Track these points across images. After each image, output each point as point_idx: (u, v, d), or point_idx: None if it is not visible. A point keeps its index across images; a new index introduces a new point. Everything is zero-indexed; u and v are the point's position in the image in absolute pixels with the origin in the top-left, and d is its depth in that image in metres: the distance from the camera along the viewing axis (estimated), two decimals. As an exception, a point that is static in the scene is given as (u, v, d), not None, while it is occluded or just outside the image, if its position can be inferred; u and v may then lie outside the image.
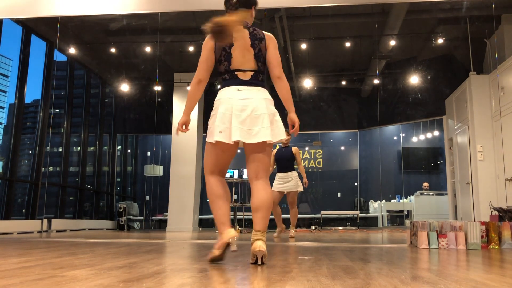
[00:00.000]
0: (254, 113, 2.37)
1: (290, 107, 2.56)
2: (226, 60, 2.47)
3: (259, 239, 2.28)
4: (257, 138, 2.36)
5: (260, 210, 2.35)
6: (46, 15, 5.93)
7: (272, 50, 2.53)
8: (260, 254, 2.25)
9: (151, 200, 10.81)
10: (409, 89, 9.34)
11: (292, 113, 2.57)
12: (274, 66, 2.53)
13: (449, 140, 8.53)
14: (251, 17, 2.64)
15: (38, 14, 5.94)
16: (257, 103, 2.40)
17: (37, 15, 6.01)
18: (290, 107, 2.56)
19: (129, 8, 5.79)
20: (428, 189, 10.39)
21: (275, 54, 2.53)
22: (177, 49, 8.86)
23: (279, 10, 6.99)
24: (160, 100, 10.13)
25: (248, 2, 2.59)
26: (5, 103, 56.78)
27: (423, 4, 6.97)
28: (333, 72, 10.33)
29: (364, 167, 11.84)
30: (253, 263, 2.31)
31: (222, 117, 2.37)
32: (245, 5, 2.57)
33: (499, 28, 6.97)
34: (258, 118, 2.37)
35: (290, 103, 2.55)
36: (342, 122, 11.42)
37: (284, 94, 2.54)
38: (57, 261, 2.44)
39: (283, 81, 2.53)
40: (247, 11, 2.58)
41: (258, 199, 2.38)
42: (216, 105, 2.45)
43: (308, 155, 12.09)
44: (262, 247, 2.25)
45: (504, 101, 6.44)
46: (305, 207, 11.75)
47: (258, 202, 2.37)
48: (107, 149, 11.04)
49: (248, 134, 2.36)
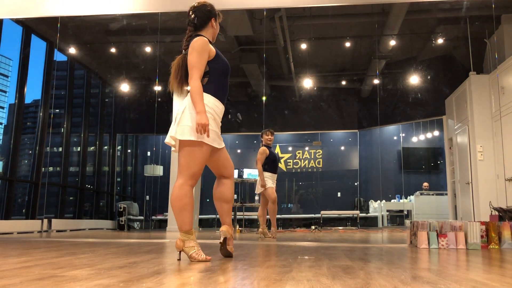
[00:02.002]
0: (177, 113, 2.59)
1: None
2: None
3: (180, 240, 2.53)
4: (167, 138, 2.61)
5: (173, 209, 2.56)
6: (46, 15, 5.93)
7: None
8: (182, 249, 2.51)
9: (151, 200, 10.81)
10: (409, 89, 9.34)
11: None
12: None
13: (449, 140, 8.53)
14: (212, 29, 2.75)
15: (38, 14, 5.94)
16: (182, 103, 2.63)
17: (37, 15, 6.01)
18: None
19: (129, 8, 5.79)
20: (428, 189, 10.39)
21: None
22: (177, 49, 8.82)
23: (279, 10, 6.99)
24: (160, 100, 10.13)
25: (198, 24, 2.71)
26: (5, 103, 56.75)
27: (423, 4, 6.97)
28: (333, 72, 10.33)
29: (364, 167, 11.84)
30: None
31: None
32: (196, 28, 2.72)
33: (499, 28, 6.97)
34: (178, 117, 2.57)
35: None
36: (342, 122, 11.42)
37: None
38: (57, 261, 2.44)
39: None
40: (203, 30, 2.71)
41: (171, 198, 2.54)
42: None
43: (308, 155, 12.09)
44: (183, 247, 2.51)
45: (504, 101, 6.44)
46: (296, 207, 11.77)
47: (171, 200, 2.56)
48: (107, 149, 11.04)
49: (169, 134, 2.58)
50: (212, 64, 2.61)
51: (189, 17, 2.70)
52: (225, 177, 2.72)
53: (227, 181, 2.71)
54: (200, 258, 2.45)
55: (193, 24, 2.69)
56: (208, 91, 2.56)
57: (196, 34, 2.68)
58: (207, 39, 2.62)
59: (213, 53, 2.62)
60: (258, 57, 8.81)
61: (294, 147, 12.22)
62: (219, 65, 2.63)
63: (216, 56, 2.64)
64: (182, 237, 2.48)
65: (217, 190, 2.71)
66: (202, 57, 2.54)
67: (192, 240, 2.49)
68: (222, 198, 2.69)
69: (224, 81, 2.66)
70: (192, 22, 2.68)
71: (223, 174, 2.71)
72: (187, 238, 2.48)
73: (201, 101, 2.47)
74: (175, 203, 2.49)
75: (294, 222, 10.69)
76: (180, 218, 2.49)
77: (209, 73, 2.59)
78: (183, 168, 2.51)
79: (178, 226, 2.51)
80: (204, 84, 2.56)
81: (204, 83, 2.57)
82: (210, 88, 2.58)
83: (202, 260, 2.46)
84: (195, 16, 2.68)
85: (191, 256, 2.46)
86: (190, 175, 2.51)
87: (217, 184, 2.73)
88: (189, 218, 2.50)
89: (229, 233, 2.62)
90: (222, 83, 2.64)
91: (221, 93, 2.63)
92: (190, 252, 2.46)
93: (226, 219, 2.67)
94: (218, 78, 2.62)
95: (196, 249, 2.48)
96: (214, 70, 2.61)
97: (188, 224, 2.49)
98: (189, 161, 2.50)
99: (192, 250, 2.47)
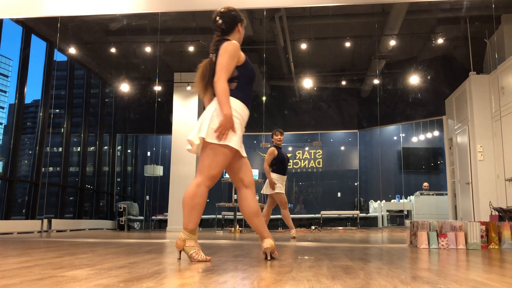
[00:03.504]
0: (202, 118, 2.60)
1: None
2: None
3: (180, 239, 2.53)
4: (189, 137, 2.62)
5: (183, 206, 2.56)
6: (46, 15, 5.93)
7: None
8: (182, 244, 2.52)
9: (151, 200, 10.81)
10: (409, 89, 9.34)
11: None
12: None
13: (449, 140, 8.53)
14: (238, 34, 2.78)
15: (38, 14, 5.94)
16: (206, 109, 2.63)
17: (37, 15, 6.00)
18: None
19: (129, 8, 5.79)
20: (428, 189, 10.39)
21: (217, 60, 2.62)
22: (177, 49, 8.86)
23: (279, 10, 6.99)
24: (160, 100, 10.13)
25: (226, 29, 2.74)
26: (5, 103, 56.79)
27: (423, 4, 6.97)
28: (333, 72, 10.33)
29: (364, 167, 11.83)
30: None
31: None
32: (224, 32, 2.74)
33: (499, 28, 6.97)
34: (201, 122, 2.59)
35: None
36: (342, 122, 11.42)
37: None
38: (57, 261, 2.44)
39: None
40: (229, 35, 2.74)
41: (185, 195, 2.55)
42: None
43: (308, 155, 12.09)
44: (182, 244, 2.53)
45: (504, 101, 6.44)
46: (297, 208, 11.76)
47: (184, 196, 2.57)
48: (107, 149, 11.04)
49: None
50: (241, 69, 2.64)
51: (216, 22, 2.72)
52: (245, 186, 2.67)
53: (247, 191, 2.66)
54: (199, 258, 2.46)
55: (220, 29, 2.71)
56: (236, 96, 2.59)
57: (224, 38, 2.71)
58: (239, 44, 2.66)
59: (242, 59, 2.66)
60: (258, 57, 8.81)
61: (294, 147, 12.22)
62: (247, 71, 2.67)
63: (245, 62, 2.68)
64: (184, 236, 2.49)
65: (242, 206, 2.67)
66: (232, 61, 2.57)
67: (193, 240, 2.50)
68: (249, 212, 2.64)
69: (250, 87, 2.70)
70: (219, 27, 2.71)
71: (243, 182, 2.67)
72: (188, 238, 2.49)
73: (228, 103, 2.49)
74: (187, 200, 2.51)
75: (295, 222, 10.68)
76: (188, 216, 2.51)
77: (237, 78, 2.61)
78: (204, 168, 2.53)
79: (183, 223, 2.52)
80: (232, 89, 2.59)
81: (233, 88, 2.60)
82: (238, 93, 2.60)
83: (201, 260, 2.47)
84: (222, 21, 2.71)
85: (191, 256, 2.47)
86: (210, 176, 2.53)
87: (240, 198, 2.69)
88: (197, 218, 2.52)
89: (273, 247, 2.59)
90: (249, 89, 2.68)
91: (248, 98, 2.66)
92: (190, 252, 2.47)
93: (264, 232, 2.61)
94: (245, 83, 2.65)
95: (197, 249, 2.49)
96: (242, 76, 2.63)
97: (194, 224, 2.51)
98: (211, 163, 2.52)
99: (192, 249, 2.48)
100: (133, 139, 12.19)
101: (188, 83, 9.46)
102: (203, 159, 2.54)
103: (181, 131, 9.48)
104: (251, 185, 2.67)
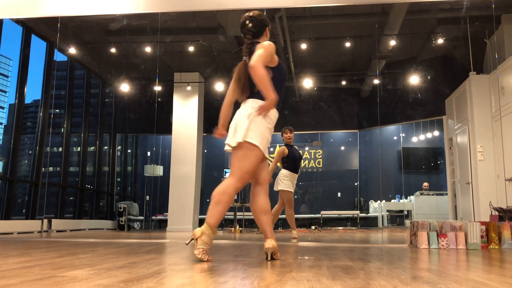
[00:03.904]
0: (235, 120, 2.65)
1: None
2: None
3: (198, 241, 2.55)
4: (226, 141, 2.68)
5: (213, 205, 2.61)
6: (46, 15, 5.92)
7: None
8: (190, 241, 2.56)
9: (151, 200, 10.81)
10: (409, 89, 9.34)
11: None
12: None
13: (449, 140, 8.53)
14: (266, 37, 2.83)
15: (38, 14, 5.93)
16: (240, 111, 2.67)
17: (37, 15, 6.00)
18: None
19: (129, 8, 5.79)
20: (428, 189, 10.39)
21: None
22: (177, 49, 8.86)
23: (279, 10, 6.99)
24: (160, 100, 10.13)
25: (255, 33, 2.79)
26: (5, 103, 56.80)
27: (423, 4, 6.97)
28: (333, 72, 10.33)
29: (364, 167, 11.83)
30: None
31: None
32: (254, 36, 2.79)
33: (499, 28, 6.97)
34: (236, 124, 2.63)
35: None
36: (342, 122, 11.42)
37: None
38: (57, 261, 2.44)
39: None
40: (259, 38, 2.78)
41: (214, 192, 2.61)
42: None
43: (308, 155, 12.08)
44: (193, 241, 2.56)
45: (504, 101, 6.44)
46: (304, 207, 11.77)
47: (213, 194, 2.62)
48: (107, 149, 11.04)
49: (229, 138, 2.66)
50: (276, 71, 2.68)
51: (246, 26, 2.76)
52: (259, 183, 2.73)
53: (260, 188, 2.72)
54: (202, 257, 2.49)
55: (251, 33, 2.76)
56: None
57: (255, 41, 2.75)
58: (274, 45, 2.70)
59: (276, 60, 2.71)
60: (258, 57, 8.80)
61: (294, 147, 12.20)
62: (281, 74, 2.73)
63: (279, 63, 2.73)
64: (204, 229, 2.54)
65: (252, 201, 2.72)
66: (268, 57, 2.60)
67: (208, 238, 2.52)
68: (258, 208, 2.68)
69: (282, 89, 2.76)
70: (250, 31, 2.76)
71: (258, 179, 2.73)
72: (207, 233, 2.52)
73: (271, 87, 2.50)
74: (216, 195, 2.58)
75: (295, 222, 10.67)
76: (212, 210, 2.57)
77: (272, 79, 2.61)
78: (236, 170, 2.60)
79: (206, 217, 2.57)
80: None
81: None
82: None
83: (203, 259, 2.49)
84: (252, 25, 2.76)
85: (198, 250, 2.50)
86: (240, 178, 2.59)
87: (252, 196, 2.73)
88: (219, 215, 2.57)
89: (275, 248, 2.60)
90: (280, 91, 2.71)
91: (279, 100, 2.70)
92: (199, 246, 2.50)
93: (267, 232, 2.63)
94: (278, 86, 2.67)
95: (205, 248, 2.52)
96: (276, 78, 2.66)
97: (215, 219, 2.56)
98: (244, 164, 2.59)
99: (202, 245, 2.50)
100: (133, 139, 12.19)
101: (188, 83, 9.46)
102: (236, 160, 2.60)
103: (181, 131, 9.47)
104: (265, 183, 2.73)
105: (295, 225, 5.82)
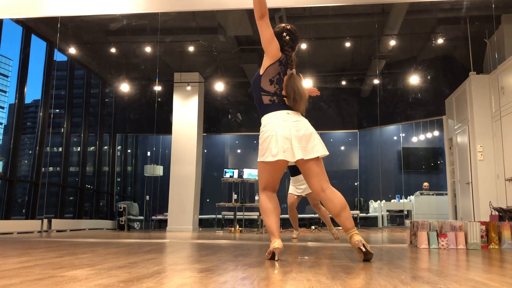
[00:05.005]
0: (306, 133, 2.72)
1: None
2: (277, 84, 2.79)
3: (356, 234, 2.60)
4: (314, 154, 2.70)
5: (343, 211, 2.69)
6: (46, 15, 5.93)
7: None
8: (361, 243, 2.55)
9: (151, 200, 10.81)
10: (409, 89, 9.34)
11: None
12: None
13: (449, 140, 8.53)
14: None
15: (38, 14, 5.93)
16: (306, 124, 2.79)
17: (37, 15, 6.00)
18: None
19: (129, 8, 5.79)
20: (428, 189, 10.39)
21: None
22: (177, 49, 8.86)
23: (279, 10, 6.99)
24: (160, 100, 10.13)
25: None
26: (5, 103, 56.78)
27: (423, 4, 6.97)
28: (333, 72, 10.33)
29: (364, 167, 11.84)
30: (364, 257, 2.57)
31: (283, 138, 2.67)
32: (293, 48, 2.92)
33: (499, 28, 6.97)
34: (311, 136, 2.73)
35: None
36: (342, 122, 11.41)
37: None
38: (57, 261, 2.44)
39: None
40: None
41: (338, 203, 2.68)
42: (270, 127, 2.73)
43: (308, 155, 12.08)
44: (362, 239, 2.57)
45: (504, 101, 6.44)
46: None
47: (339, 206, 2.69)
48: (107, 149, 11.04)
49: (305, 151, 2.69)
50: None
51: (284, 38, 2.83)
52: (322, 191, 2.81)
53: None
54: (266, 257, 2.66)
55: (289, 46, 2.85)
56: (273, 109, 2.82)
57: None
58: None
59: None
60: (258, 57, 8.81)
61: (294, 147, 12.20)
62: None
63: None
64: (357, 231, 2.66)
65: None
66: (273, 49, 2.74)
67: (274, 240, 2.64)
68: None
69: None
70: (288, 44, 2.84)
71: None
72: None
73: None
74: (344, 201, 2.72)
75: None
76: (349, 216, 2.75)
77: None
78: (327, 177, 2.78)
79: (353, 224, 2.71)
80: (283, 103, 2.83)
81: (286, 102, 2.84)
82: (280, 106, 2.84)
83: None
84: (289, 38, 2.85)
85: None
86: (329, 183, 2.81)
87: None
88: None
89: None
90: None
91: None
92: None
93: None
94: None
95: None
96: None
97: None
98: (325, 172, 2.82)
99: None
100: (133, 139, 12.19)
101: (188, 83, 9.46)
102: (322, 169, 2.77)
103: (181, 131, 9.48)
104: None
105: (298, 226, 5.89)
